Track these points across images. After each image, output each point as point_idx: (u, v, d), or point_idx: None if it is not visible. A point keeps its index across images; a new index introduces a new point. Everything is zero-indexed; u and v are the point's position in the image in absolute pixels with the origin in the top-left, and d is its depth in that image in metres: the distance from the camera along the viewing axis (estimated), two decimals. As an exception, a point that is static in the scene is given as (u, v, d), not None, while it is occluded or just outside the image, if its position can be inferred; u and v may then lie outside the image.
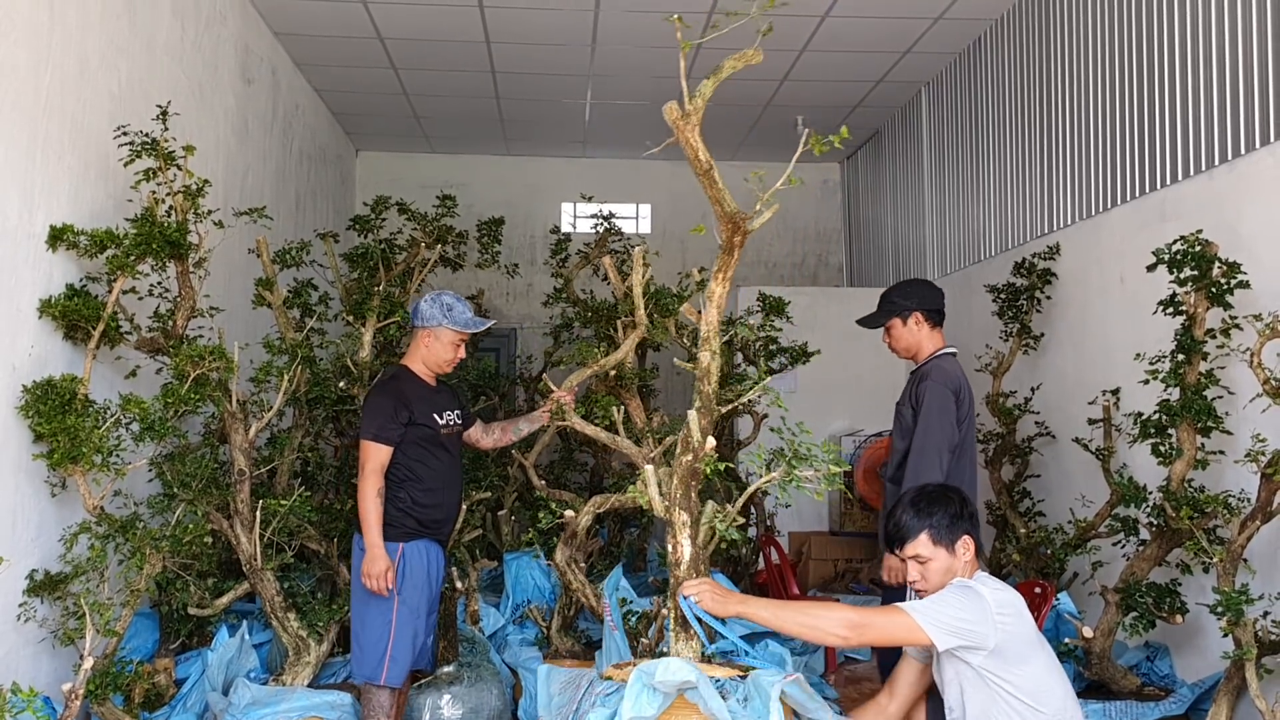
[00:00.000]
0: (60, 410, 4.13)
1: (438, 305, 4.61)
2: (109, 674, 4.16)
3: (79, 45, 4.74)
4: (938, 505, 3.47)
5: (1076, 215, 6.48)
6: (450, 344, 4.64)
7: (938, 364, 4.63)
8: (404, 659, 4.43)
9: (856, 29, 7.66)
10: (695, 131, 3.14)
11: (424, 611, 4.53)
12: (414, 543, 4.51)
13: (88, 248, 4.47)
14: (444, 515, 4.65)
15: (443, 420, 4.65)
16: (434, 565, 4.59)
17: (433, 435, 4.58)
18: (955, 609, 3.22)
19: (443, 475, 4.62)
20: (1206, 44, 5.24)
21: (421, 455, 4.55)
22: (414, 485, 4.53)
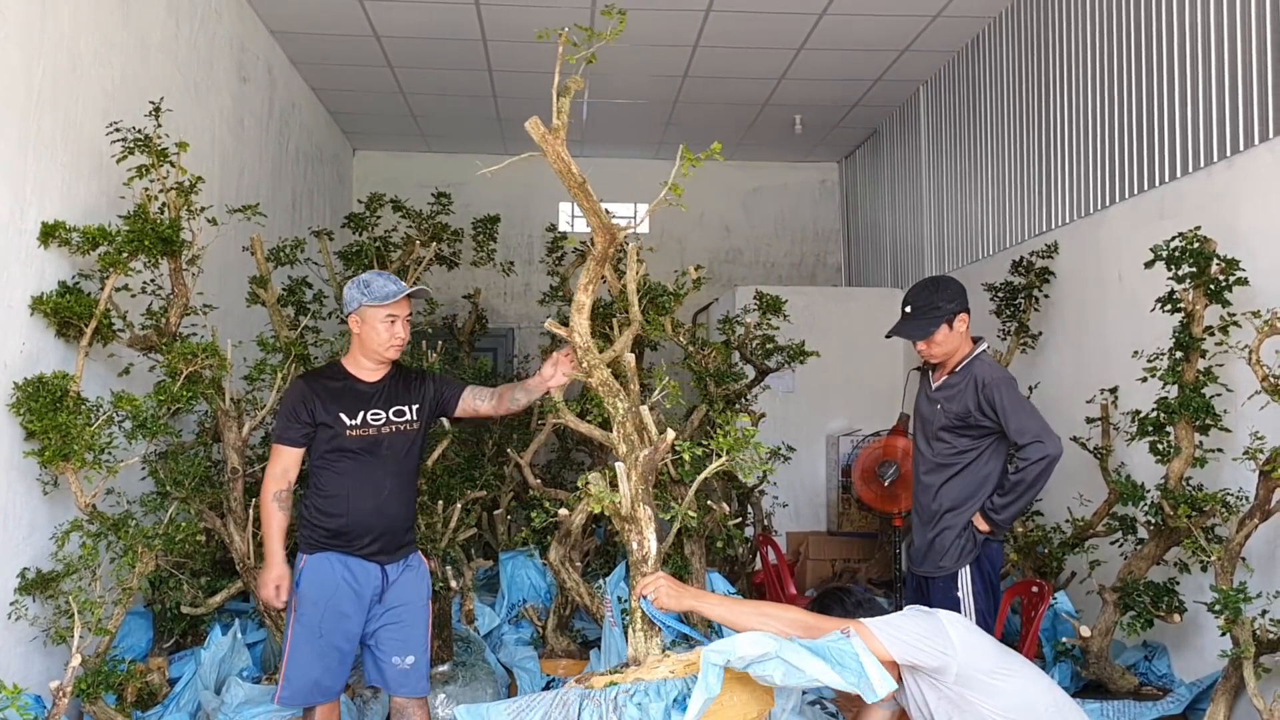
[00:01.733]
0: (52, 408, 4.11)
1: (356, 286, 4.10)
2: (101, 673, 4.14)
3: (71, 42, 4.72)
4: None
5: (1075, 213, 6.46)
6: (381, 322, 4.05)
7: (984, 363, 4.46)
8: (300, 682, 3.93)
9: (854, 27, 7.64)
10: (563, 145, 3.16)
11: (327, 633, 3.95)
12: (318, 555, 3.98)
13: (80, 244, 4.44)
14: (353, 528, 3.99)
15: (354, 419, 4.04)
16: (346, 583, 3.98)
17: (335, 437, 4.02)
18: (912, 626, 3.17)
19: (349, 483, 4.01)
20: (1205, 41, 5.22)
21: (324, 460, 4.04)
22: (315, 493, 4.05)
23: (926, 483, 4.54)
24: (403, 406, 4.15)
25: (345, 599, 3.97)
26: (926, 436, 4.57)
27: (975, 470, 4.40)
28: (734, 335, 6.84)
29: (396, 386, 4.18)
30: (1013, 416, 4.27)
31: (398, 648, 4.04)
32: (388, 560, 4.07)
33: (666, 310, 5.39)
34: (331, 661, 3.96)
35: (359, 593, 4.00)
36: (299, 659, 3.95)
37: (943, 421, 4.45)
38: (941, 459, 4.47)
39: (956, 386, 4.44)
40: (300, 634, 3.95)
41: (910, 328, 4.51)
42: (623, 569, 5.11)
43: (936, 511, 4.46)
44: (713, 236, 11.64)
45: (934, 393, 4.55)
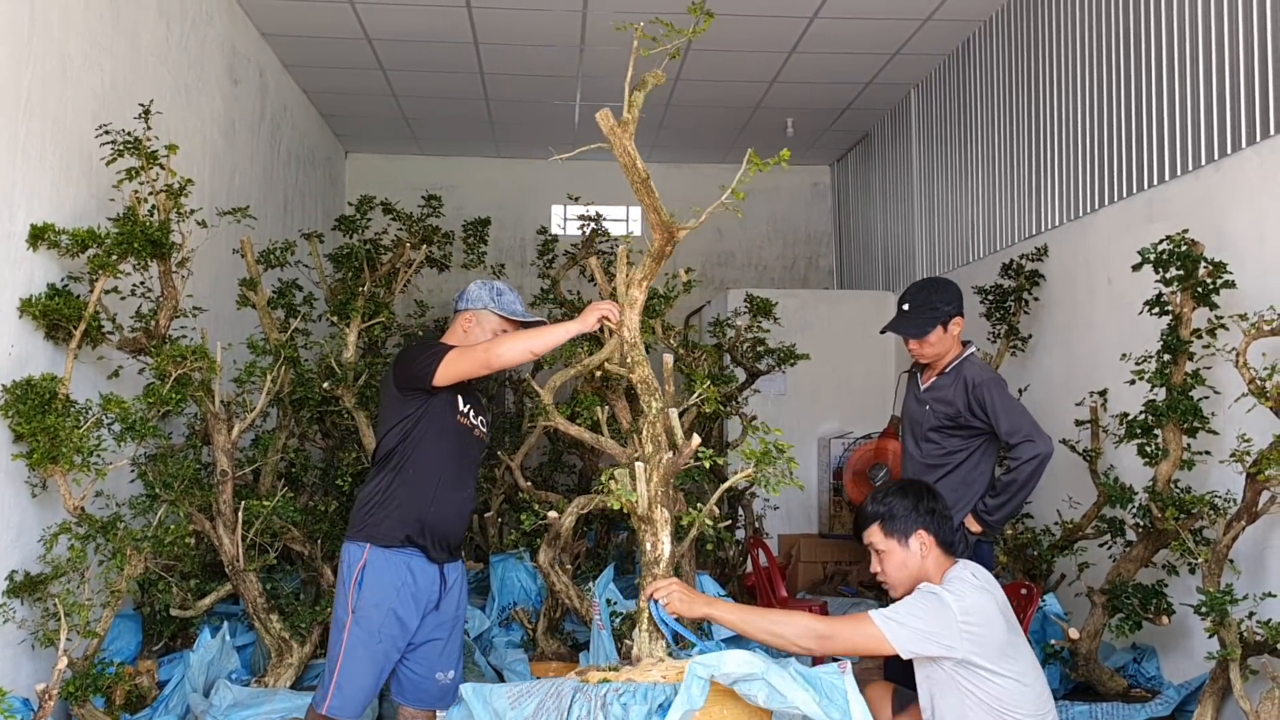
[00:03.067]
0: (40, 410, 4.10)
1: (487, 289, 3.99)
2: (89, 675, 4.13)
3: (61, 45, 4.71)
4: (895, 497, 3.43)
5: (1064, 216, 6.48)
6: (492, 332, 3.92)
7: (974, 364, 4.45)
8: (352, 692, 3.61)
9: (845, 31, 7.66)
10: (631, 140, 3.14)
11: (385, 640, 3.66)
12: (386, 551, 3.69)
13: (69, 247, 4.44)
14: (434, 520, 3.74)
15: (464, 408, 3.86)
16: (407, 586, 3.71)
17: (446, 418, 3.80)
18: (918, 618, 3.17)
19: (445, 469, 3.78)
20: (1193, 45, 5.24)
21: (428, 440, 3.76)
22: (406, 475, 3.74)
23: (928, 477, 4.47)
24: (483, 416, 4.04)
25: (405, 604, 3.69)
26: (916, 438, 4.55)
27: (965, 471, 4.39)
28: (725, 338, 6.86)
29: (479, 396, 4.06)
30: (1004, 416, 4.27)
31: (443, 663, 3.83)
32: (447, 560, 3.84)
33: (657, 313, 5.41)
34: (382, 672, 3.68)
35: (417, 598, 3.72)
36: (355, 666, 3.61)
37: (932, 422, 4.44)
38: (931, 460, 4.44)
39: (946, 387, 4.43)
40: (358, 638, 3.62)
41: (905, 325, 4.47)
42: (611, 571, 5.11)
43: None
44: (705, 239, 11.64)
45: (922, 394, 4.53)
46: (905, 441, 4.68)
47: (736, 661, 2.96)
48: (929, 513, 3.41)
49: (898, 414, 8.37)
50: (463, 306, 3.99)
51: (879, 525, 3.41)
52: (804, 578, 8.42)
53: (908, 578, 3.37)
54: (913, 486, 3.50)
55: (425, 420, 3.76)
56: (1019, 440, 4.22)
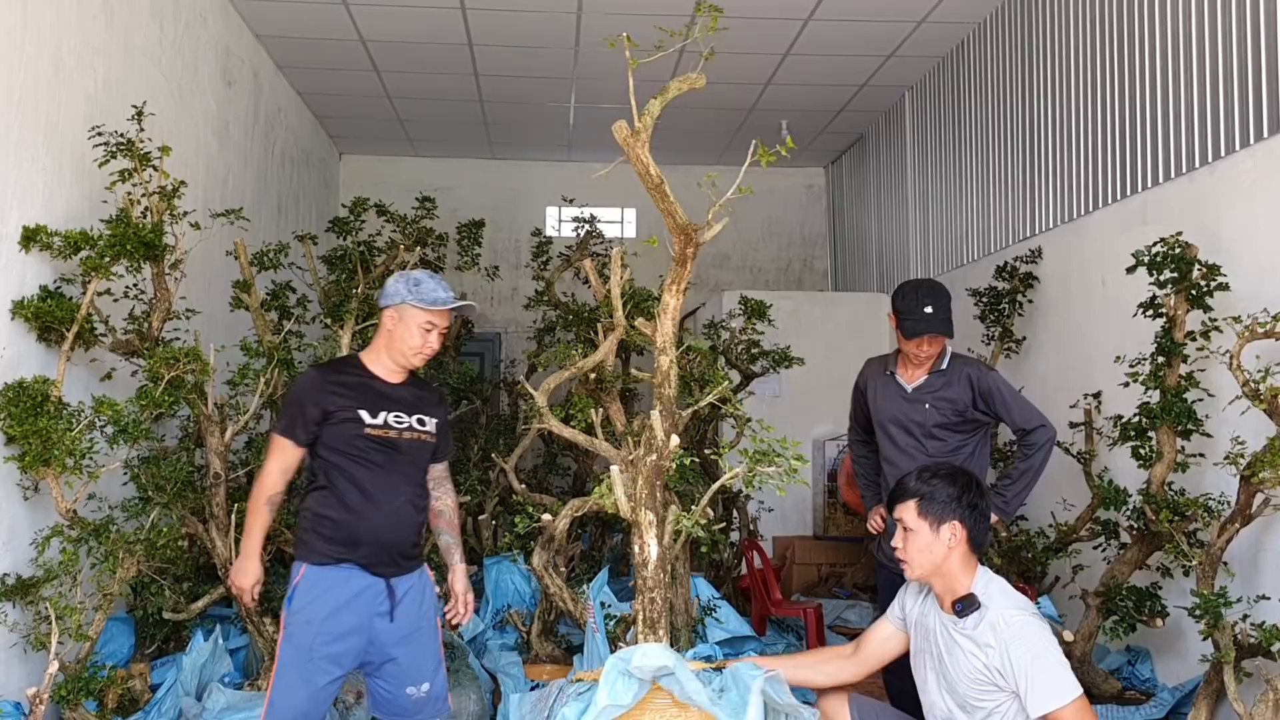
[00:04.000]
0: (32, 413, 4.09)
1: (404, 281, 3.76)
2: (81, 679, 4.12)
3: (53, 46, 4.70)
4: (940, 481, 3.35)
5: (1058, 219, 6.48)
6: (418, 327, 3.72)
7: (970, 360, 4.57)
8: (288, 708, 3.52)
9: (840, 33, 7.66)
10: (645, 148, 3.13)
11: (319, 657, 3.53)
12: (321, 568, 3.58)
13: (62, 249, 4.43)
14: (364, 537, 3.62)
15: (375, 418, 3.68)
16: (347, 601, 3.58)
17: (353, 436, 3.65)
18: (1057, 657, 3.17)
19: (364, 487, 3.65)
20: (1186, 47, 5.24)
21: (337, 460, 3.66)
22: (323, 496, 3.66)
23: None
24: (424, 417, 3.83)
25: (345, 618, 3.57)
26: (916, 436, 4.50)
27: (970, 465, 4.39)
28: (720, 340, 6.85)
29: (419, 395, 3.88)
30: (1015, 405, 4.37)
31: (412, 676, 3.71)
32: (395, 573, 3.68)
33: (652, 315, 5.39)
34: (319, 689, 3.55)
35: (362, 611, 3.60)
36: (287, 684, 3.54)
37: (938, 419, 4.43)
38: (939, 456, 4.39)
39: (947, 385, 4.45)
40: (290, 656, 3.54)
41: (941, 325, 4.39)
42: (605, 574, 5.10)
43: None
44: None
45: (914, 393, 4.50)
46: (895, 441, 4.58)
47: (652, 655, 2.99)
48: (970, 506, 3.32)
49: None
50: (383, 303, 3.80)
51: (916, 503, 3.33)
52: (798, 580, 8.42)
53: (928, 563, 3.30)
54: (962, 475, 3.40)
55: (328, 441, 3.67)
56: (1034, 426, 4.33)
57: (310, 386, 3.71)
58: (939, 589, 3.36)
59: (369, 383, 3.77)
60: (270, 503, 3.71)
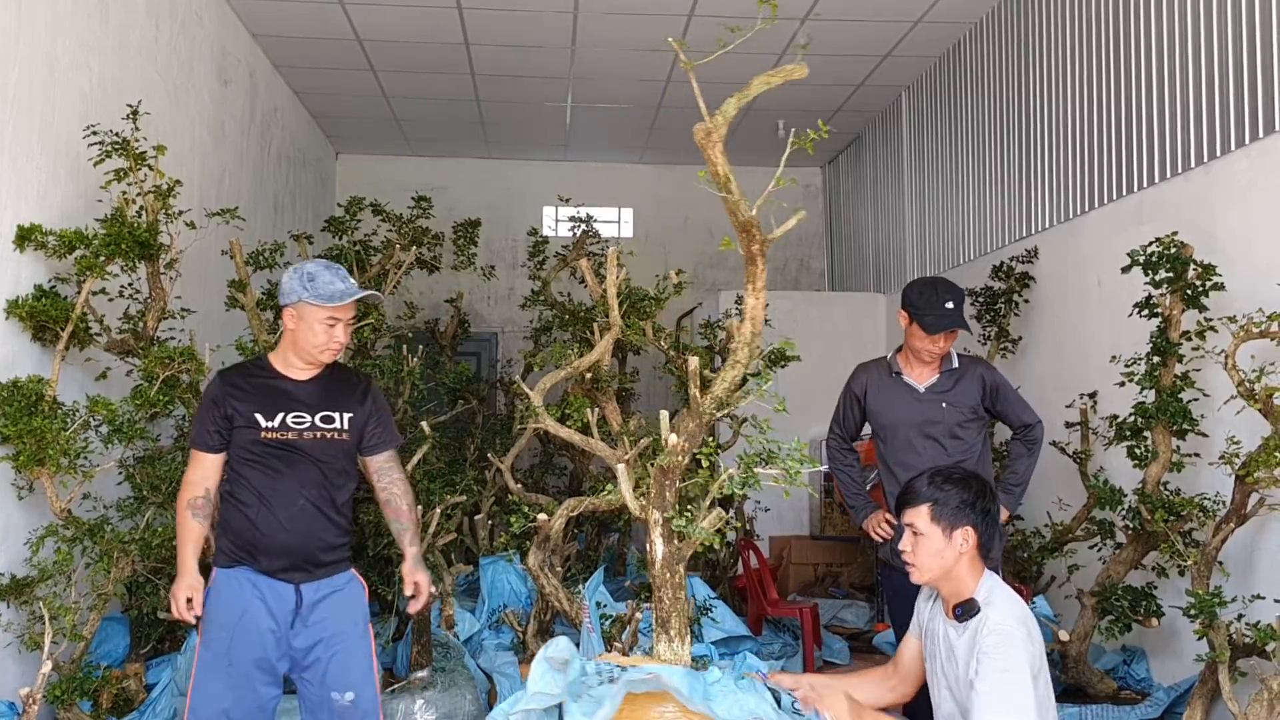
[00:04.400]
0: (27, 412, 4.08)
1: (298, 276, 3.57)
2: (75, 679, 4.11)
3: (48, 45, 4.69)
4: (952, 485, 3.30)
5: (1054, 219, 6.49)
6: (320, 324, 3.55)
7: (978, 359, 4.59)
8: (206, 713, 3.44)
9: (837, 32, 7.66)
10: (718, 148, 3.10)
11: (238, 660, 3.46)
12: (229, 571, 3.54)
13: (56, 248, 4.42)
14: (260, 543, 3.53)
15: (271, 420, 3.57)
16: (259, 602, 3.50)
17: (251, 440, 3.56)
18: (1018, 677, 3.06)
19: (259, 492, 3.55)
20: (1182, 48, 5.25)
21: (239, 465, 3.58)
22: (227, 502, 3.61)
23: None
24: (332, 413, 3.66)
25: (257, 620, 3.49)
26: (935, 437, 4.40)
27: (982, 463, 4.41)
28: (716, 340, 6.85)
29: (331, 389, 3.71)
30: (1016, 403, 4.47)
31: (335, 682, 3.56)
32: (304, 579, 3.57)
33: (648, 315, 5.39)
34: (244, 692, 3.46)
35: (273, 613, 3.52)
36: (206, 688, 3.45)
37: (958, 418, 4.38)
38: (958, 455, 4.35)
39: (959, 384, 4.42)
40: (207, 660, 3.47)
41: (961, 321, 4.33)
42: (601, 574, 5.10)
43: None
44: (696, 240, 11.63)
45: (927, 393, 4.42)
46: (912, 445, 4.43)
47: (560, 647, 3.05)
48: (983, 512, 3.28)
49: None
50: (281, 303, 3.63)
51: (929, 508, 3.27)
52: (795, 580, 8.42)
53: (938, 568, 3.26)
54: (975, 480, 3.35)
55: (233, 447, 3.60)
56: (1035, 421, 4.46)
57: (213, 392, 3.60)
58: (945, 592, 3.34)
59: (272, 383, 3.64)
60: (192, 507, 3.55)
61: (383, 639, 5.69)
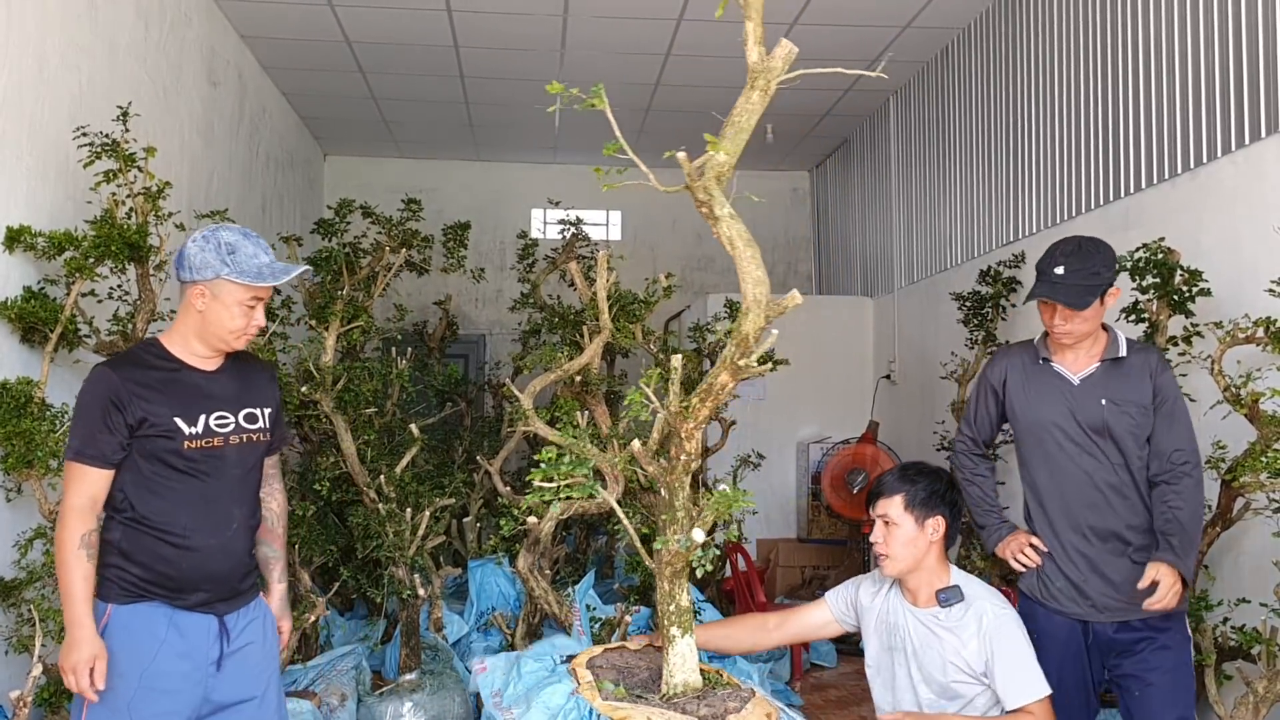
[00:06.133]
0: (15, 414, 4.07)
1: (213, 246, 2.94)
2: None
3: (38, 45, 4.68)
4: (923, 478, 3.44)
5: (1041, 223, 6.52)
6: (239, 305, 2.97)
7: (1137, 344, 3.71)
8: None
9: (824, 37, 7.68)
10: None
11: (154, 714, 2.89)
12: (130, 607, 2.94)
13: (45, 249, 4.41)
14: (188, 574, 2.98)
15: (195, 425, 2.98)
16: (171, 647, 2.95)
17: (166, 450, 2.95)
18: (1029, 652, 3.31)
19: (185, 513, 2.98)
20: (1170, 54, 5.28)
21: (146, 480, 2.95)
22: (129, 525, 2.96)
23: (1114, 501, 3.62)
24: (255, 409, 3.13)
25: (168, 668, 2.92)
26: (1090, 444, 3.62)
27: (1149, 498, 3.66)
28: (705, 343, 6.86)
29: (246, 381, 3.15)
30: (1181, 422, 3.59)
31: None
32: (228, 609, 3.07)
33: (637, 318, 5.40)
34: None
35: (189, 657, 2.96)
36: None
37: (1125, 423, 3.57)
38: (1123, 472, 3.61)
39: (1125, 377, 3.61)
40: (102, 717, 2.88)
41: (1065, 294, 3.50)
42: (591, 577, 5.11)
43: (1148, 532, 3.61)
44: (685, 243, 11.66)
45: (1084, 385, 3.63)
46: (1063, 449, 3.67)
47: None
48: (951, 504, 3.44)
49: (876, 419, 8.44)
50: (187, 278, 2.99)
51: (903, 498, 3.39)
52: (782, 582, 8.44)
53: (910, 557, 3.38)
54: (941, 473, 3.49)
55: (135, 458, 2.96)
56: (1186, 458, 3.54)
57: (110, 390, 2.92)
58: (914, 584, 3.43)
59: (179, 376, 3.02)
60: (86, 545, 2.86)
61: (371, 641, 5.70)
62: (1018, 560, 3.74)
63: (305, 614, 4.82)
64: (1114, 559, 3.59)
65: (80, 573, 2.84)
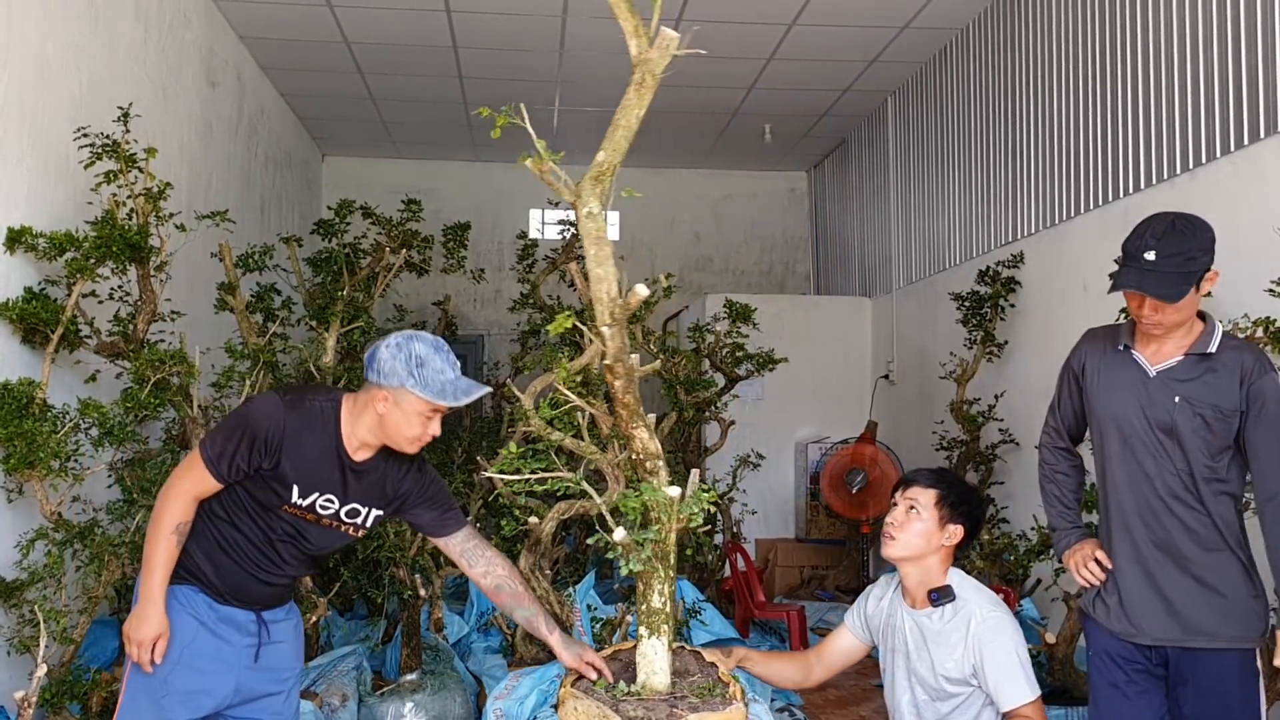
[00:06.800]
0: (17, 415, 4.07)
1: (403, 356, 3.02)
2: (66, 682, 4.10)
3: (39, 47, 4.68)
4: (961, 485, 3.47)
5: (1040, 224, 6.53)
6: (418, 415, 3.03)
7: (1234, 341, 3.21)
8: None
9: (823, 38, 7.69)
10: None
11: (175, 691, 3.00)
12: (183, 587, 3.07)
13: (47, 250, 4.41)
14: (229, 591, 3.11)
15: (304, 499, 3.08)
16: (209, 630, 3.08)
17: (269, 502, 3.06)
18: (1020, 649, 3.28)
19: (246, 551, 3.10)
20: (1169, 55, 5.29)
21: (238, 513, 3.08)
22: (207, 521, 3.09)
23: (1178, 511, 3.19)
24: (361, 507, 3.19)
25: (207, 649, 3.06)
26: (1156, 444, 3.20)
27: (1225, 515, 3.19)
28: (704, 343, 6.87)
29: (375, 477, 3.19)
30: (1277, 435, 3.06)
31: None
32: (265, 607, 3.20)
33: (638, 318, 5.41)
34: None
35: (229, 643, 3.11)
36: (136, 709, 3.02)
37: (1192, 425, 3.12)
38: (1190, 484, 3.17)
39: (1211, 372, 3.14)
40: (138, 687, 3.02)
41: (1154, 283, 3.09)
42: (592, 578, 5.11)
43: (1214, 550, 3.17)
44: (683, 244, 11.68)
45: (1159, 377, 3.20)
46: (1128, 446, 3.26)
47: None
48: (974, 521, 3.45)
49: (875, 419, 8.45)
50: (374, 380, 3.04)
51: (937, 493, 3.39)
52: (781, 582, 8.45)
53: (917, 548, 3.38)
54: (977, 491, 3.55)
55: (236, 489, 3.08)
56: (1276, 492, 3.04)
57: (273, 428, 3.00)
58: (912, 582, 3.45)
59: (332, 457, 3.10)
60: (179, 533, 3.00)
61: (372, 642, 5.69)
62: (1081, 575, 3.38)
63: (306, 615, 4.82)
64: (1174, 576, 3.17)
65: (166, 554, 2.98)
